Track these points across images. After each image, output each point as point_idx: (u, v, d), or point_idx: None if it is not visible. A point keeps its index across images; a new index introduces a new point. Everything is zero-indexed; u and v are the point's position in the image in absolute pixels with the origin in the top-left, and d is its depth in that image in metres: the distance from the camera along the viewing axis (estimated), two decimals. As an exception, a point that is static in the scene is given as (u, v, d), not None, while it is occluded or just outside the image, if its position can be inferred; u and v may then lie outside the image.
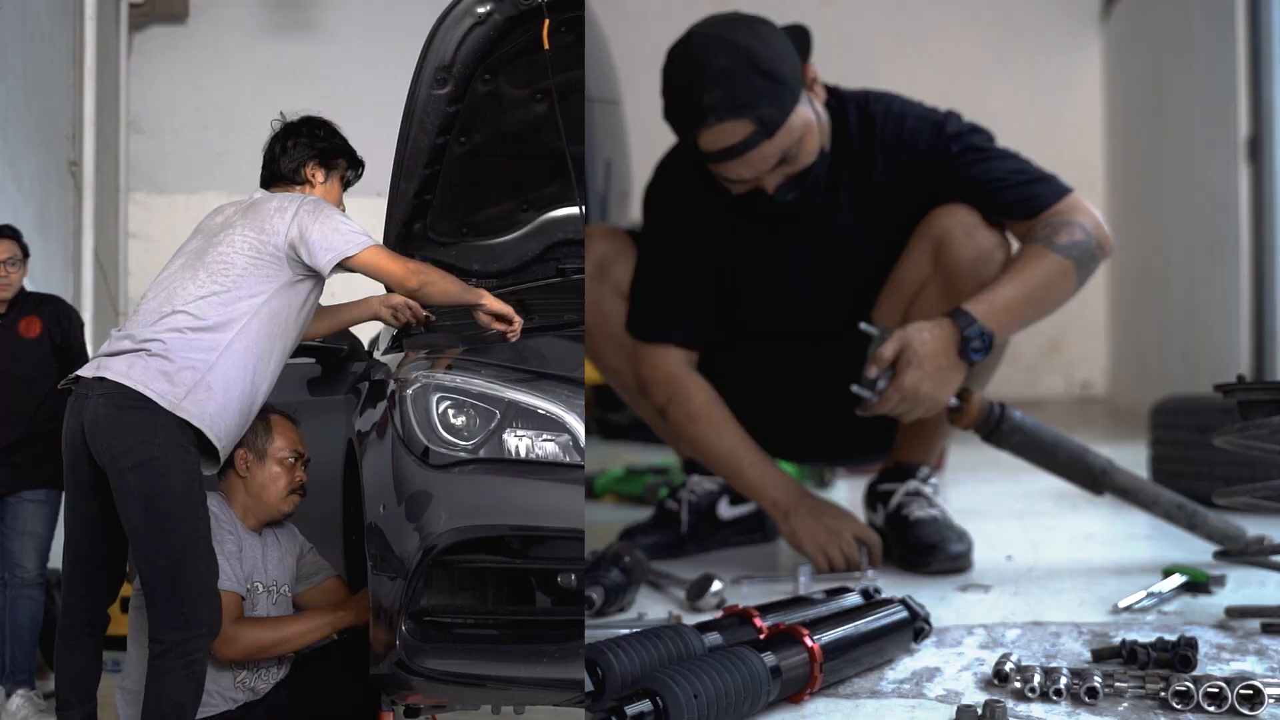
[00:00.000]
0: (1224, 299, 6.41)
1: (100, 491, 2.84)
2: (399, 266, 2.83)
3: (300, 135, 3.07)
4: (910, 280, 2.33)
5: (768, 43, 2.26)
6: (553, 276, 3.61)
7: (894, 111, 2.40)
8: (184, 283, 2.84)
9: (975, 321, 2.18)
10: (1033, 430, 2.28)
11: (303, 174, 3.02)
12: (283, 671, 3.05)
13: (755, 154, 2.21)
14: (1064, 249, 2.26)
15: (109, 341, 2.95)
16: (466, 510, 2.59)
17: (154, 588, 2.78)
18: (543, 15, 2.93)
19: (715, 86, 2.21)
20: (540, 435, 2.67)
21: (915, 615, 1.74)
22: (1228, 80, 6.34)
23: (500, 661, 2.60)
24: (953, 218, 2.31)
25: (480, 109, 3.26)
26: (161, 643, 2.76)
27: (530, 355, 2.85)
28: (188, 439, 2.75)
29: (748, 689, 1.40)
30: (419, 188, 3.36)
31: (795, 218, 2.35)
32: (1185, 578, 2.09)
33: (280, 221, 2.82)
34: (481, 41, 3.10)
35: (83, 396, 2.82)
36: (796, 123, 2.24)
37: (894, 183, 2.36)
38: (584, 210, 3.25)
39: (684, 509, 2.58)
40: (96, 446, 2.80)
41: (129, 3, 7.63)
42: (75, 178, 6.42)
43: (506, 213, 3.57)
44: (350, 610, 3.06)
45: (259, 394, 2.86)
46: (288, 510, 3.12)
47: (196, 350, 2.78)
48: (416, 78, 3.17)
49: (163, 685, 2.77)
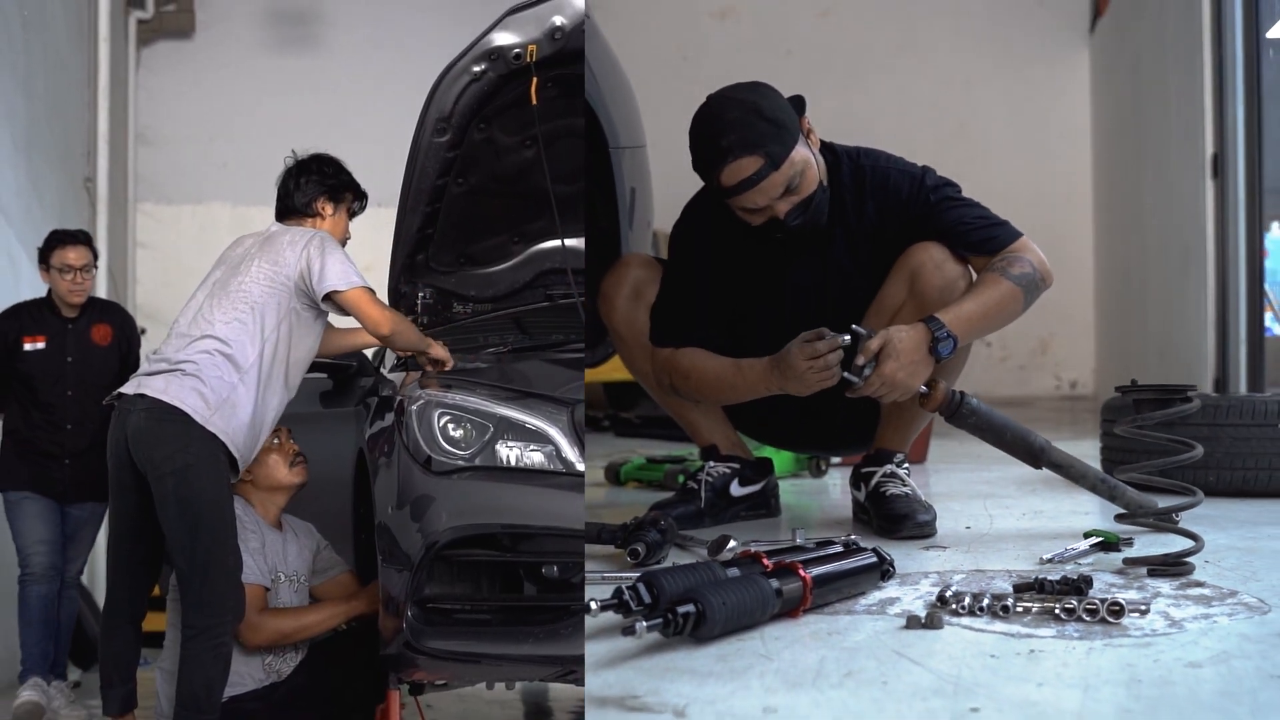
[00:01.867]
0: (1193, 304, 6.79)
1: (141, 495, 3.12)
2: (378, 312, 3.12)
3: (311, 172, 3.41)
4: (890, 302, 2.93)
5: (769, 98, 2.85)
6: (541, 301, 3.98)
7: (880, 165, 2.99)
8: (211, 310, 3.14)
9: (944, 326, 2.77)
10: (985, 414, 2.87)
11: (314, 207, 3.35)
12: (300, 656, 3.38)
13: (766, 183, 2.78)
14: (1015, 278, 2.87)
15: (146, 363, 3.25)
16: (464, 511, 2.93)
17: (187, 579, 3.09)
18: (531, 73, 3.29)
19: (730, 132, 2.78)
20: (528, 446, 3.02)
21: (883, 560, 2.34)
22: (1196, 99, 6.69)
23: (494, 641, 2.97)
24: (926, 253, 2.90)
25: (476, 154, 3.58)
26: (193, 628, 3.07)
27: (518, 377, 3.23)
28: (217, 448, 3.03)
29: (759, 603, 2.01)
30: (422, 223, 3.67)
31: (799, 249, 2.94)
32: (1101, 538, 2.70)
33: (291, 254, 3.13)
34: (477, 95, 3.42)
35: (125, 411, 3.09)
36: (797, 158, 2.82)
37: (879, 224, 2.95)
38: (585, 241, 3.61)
39: (702, 488, 3.17)
40: (139, 455, 3.07)
41: (137, 19, 7.90)
42: (90, 193, 6.62)
43: (500, 245, 3.93)
44: (362, 600, 3.40)
45: (270, 411, 3.17)
46: (300, 480, 3.44)
47: (223, 371, 3.07)
48: (420, 127, 3.46)
49: (194, 665, 3.07)
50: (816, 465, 4.32)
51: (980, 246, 2.88)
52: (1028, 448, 2.84)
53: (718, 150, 2.74)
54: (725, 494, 3.17)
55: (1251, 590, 2.26)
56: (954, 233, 2.89)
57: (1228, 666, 1.75)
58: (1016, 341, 10.34)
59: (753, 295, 3.04)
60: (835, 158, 2.97)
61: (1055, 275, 3.08)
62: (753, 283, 3.02)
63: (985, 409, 2.87)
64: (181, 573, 3.11)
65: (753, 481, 3.21)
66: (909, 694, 1.64)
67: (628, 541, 2.57)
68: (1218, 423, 3.62)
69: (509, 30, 3.25)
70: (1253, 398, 3.75)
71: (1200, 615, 2.07)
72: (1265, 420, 3.60)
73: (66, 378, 4.21)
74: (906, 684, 1.69)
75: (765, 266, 2.99)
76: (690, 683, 1.68)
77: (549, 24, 3.22)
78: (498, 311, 3.97)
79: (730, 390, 2.99)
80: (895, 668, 1.77)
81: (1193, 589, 2.28)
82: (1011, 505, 3.44)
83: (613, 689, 1.65)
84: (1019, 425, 2.90)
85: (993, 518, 3.21)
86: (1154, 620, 2.03)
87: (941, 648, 1.88)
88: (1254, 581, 2.35)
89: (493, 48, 3.27)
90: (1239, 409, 3.63)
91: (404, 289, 3.73)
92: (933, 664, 1.78)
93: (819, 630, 2.00)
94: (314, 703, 3.34)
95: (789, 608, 2.06)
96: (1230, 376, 6.48)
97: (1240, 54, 6.46)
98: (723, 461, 3.20)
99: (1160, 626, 2.00)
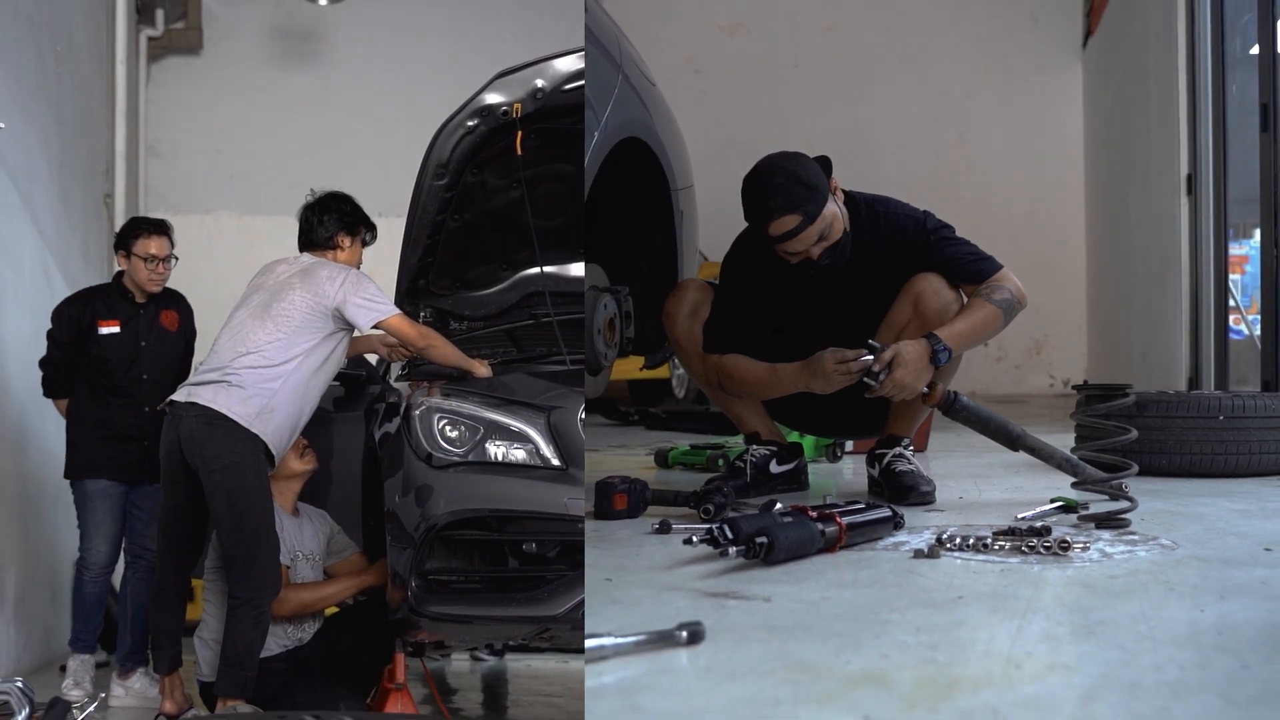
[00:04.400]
0: (1170, 310, 7.62)
1: (189, 488, 3.68)
2: (414, 331, 3.78)
3: (330, 210, 3.97)
4: (898, 321, 3.81)
5: (806, 167, 3.73)
6: (526, 320, 4.53)
7: (890, 211, 3.87)
8: (254, 329, 3.70)
9: (941, 340, 3.66)
10: (974, 409, 3.77)
11: (334, 240, 3.92)
12: (318, 625, 4.01)
13: (804, 235, 3.65)
14: (997, 303, 3.75)
15: (195, 374, 3.82)
16: (459, 498, 3.47)
17: (233, 558, 3.65)
18: (516, 127, 3.83)
19: (776, 195, 3.65)
20: (512, 445, 3.62)
21: (895, 515, 3.22)
22: (1172, 123, 7.48)
23: (483, 605, 3.50)
24: (926, 282, 3.78)
25: (470, 195, 4.06)
26: (238, 598, 3.62)
27: (502, 388, 3.77)
28: (258, 448, 3.62)
29: (809, 539, 2.89)
30: (423, 253, 4.18)
31: (826, 279, 3.84)
32: (1063, 503, 3.59)
33: (331, 288, 3.73)
34: (471, 145, 3.90)
35: (178, 416, 3.66)
36: (828, 213, 3.70)
37: (889, 258, 3.83)
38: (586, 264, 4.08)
39: (748, 466, 4.05)
40: (190, 454, 3.63)
41: (148, 37, 8.31)
42: (109, 208, 6.98)
43: (490, 272, 4.45)
44: (372, 575, 4.00)
45: (304, 415, 3.75)
46: (310, 466, 4.00)
47: (264, 382, 3.63)
48: (421, 172, 3.94)
49: (238, 630, 3.61)
50: (833, 452, 5.22)
51: (970, 277, 3.78)
52: (1007, 435, 3.74)
53: (766, 209, 3.62)
54: (765, 471, 4.05)
55: (1170, 537, 3.15)
56: (949, 266, 3.78)
57: (1135, 578, 2.64)
58: (1013, 343, 11.16)
59: (787, 315, 3.93)
60: (855, 205, 3.85)
61: (1048, 279, 4.06)
62: (787, 305, 3.91)
63: (974, 405, 3.77)
64: (228, 552, 3.68)
65: (787, 461, 4.10)
66: (915, 590, 2.54)
67: (700, 502, 3.46)
68: (1168, 415, 4.52)
69: (497, 91, 3.83)
70: (1198, 395, 4.66)
71: (1126, 551, 2.97)
72: (1207, 414, 4.50)
73: (141, 361, 4.42)
74: (914, 585, 2.58)
75: (798, 293, 3.88)
76: (769, 585, 2.57)
77: (531, 85, 3.81)
78: (489, 328, 4.58)
79: (766, 388, 3.88)
80: (906, 578, 2.67)
81: (1126, 536, 3.17)
82: (997, 482, 4.34)
83: (717, 588, 2.53)
84: (1001, 417, 3.80)
85: (981, 490, 4.12)
86: (1092, 554, 2.92)
87: (939, 569, 2.77)
88: (1174, 532, 3.24)
89: (483, 105, 3.84)
90: (1186, 404, 4.54)
91: (408, 309, 4.23)
92: (932, 576, 2.68)
93: (852, 559, 2.89)
94: (331, 663, 3.93)
95: (829, 545, 2.95)
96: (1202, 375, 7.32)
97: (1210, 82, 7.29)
98: (763, 445, 4.09)
99: (1095, 557, 2.89)
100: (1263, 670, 1.89)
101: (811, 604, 2.39)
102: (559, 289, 4.34)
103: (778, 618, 2.27)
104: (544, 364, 4.15)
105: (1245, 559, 2.84)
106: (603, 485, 3.57)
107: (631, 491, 3.55)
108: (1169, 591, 2.48)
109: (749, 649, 2.03)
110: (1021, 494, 4.01)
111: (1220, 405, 4.51)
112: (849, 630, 2.16)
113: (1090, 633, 2.15)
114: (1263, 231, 5.98)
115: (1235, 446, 4.48)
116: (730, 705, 1.74)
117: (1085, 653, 2.02)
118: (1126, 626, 2.16)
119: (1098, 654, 1.99)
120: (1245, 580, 2.59)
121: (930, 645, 2.06)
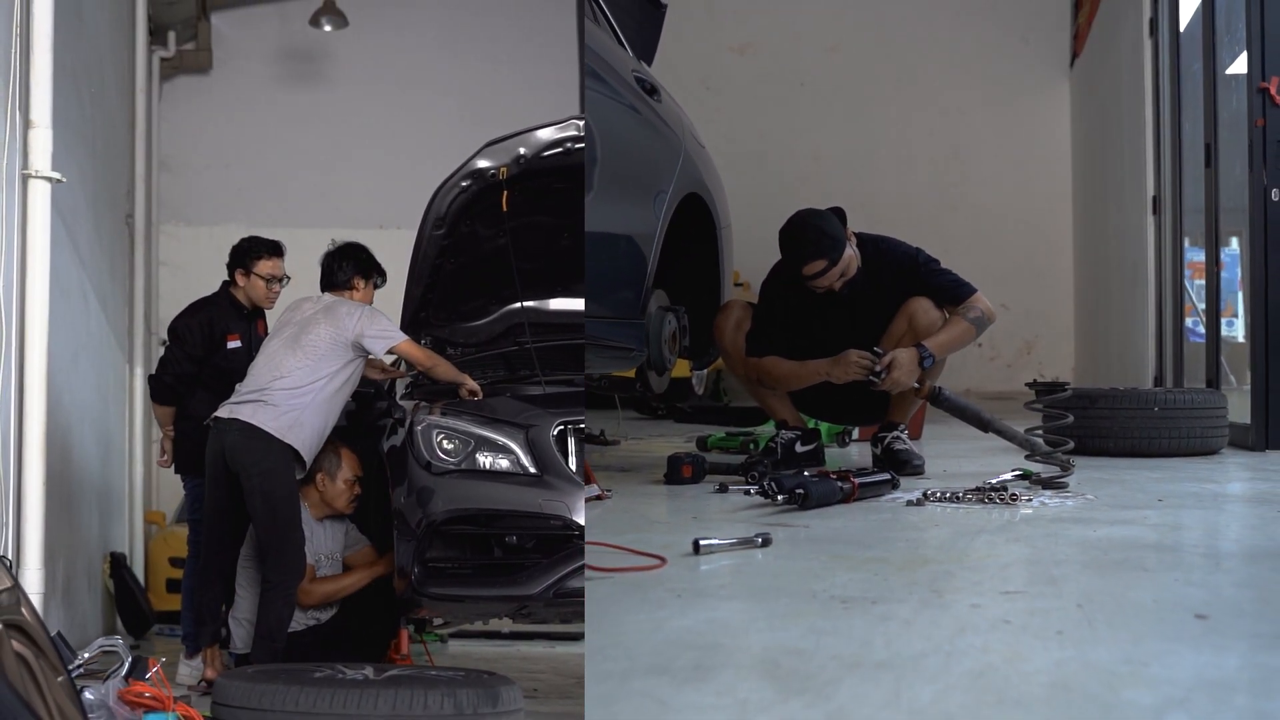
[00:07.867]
0: (1140, 317, 8.92)
1: (230, 489, 4.35)
2: (420, 354, 4.49)
3: (349, 257, 4.65)
4: (896, 333, 5.13)
5: (830, 221, 5.04)
6: (511, 347, 5.29)
7: (891, 248, 5.21)
8: (285, 357, 4.37)
9: (927, 349, 5.00)
10: (954, 399, 5.12)
11: (350, 282, 4.69)
12: (335, 608, 4.69)
13: (829, 274, 4.97)
14: (971, 320, 5.10)
15: (235, 394, 4.43)
16: (454, 499, 4.14)
17: (267, 547, 4.32)
18: (502, 188, 4.58)
19: (808, 245, 4.93)
20: (498, 456, 4.26)
21: (894, 478, 4.58)
22: (1140, 148, 8.80)
23: (474, 587, 4.18)
24: (918, 304, 5.11)
25: (463, 242, 4.81)
26: (270, 582, 4.29)
27: (487, 409, 4.43)
28: (290, 456, 4.30)
29: (833, 493, 4.23)
30: (424, 291, 4.98)
31: (841, 304, 5.19)
32: (1022, 471, 4.95)
33: (350, 322, 4.40)
34: (464, 202, 4.67)
35: (222, 430, 4.34)
36: (846, 256, 5.02)
37: (890, 285, 5.19)
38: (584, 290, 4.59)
39: (779, 447, 5.41)
40: (233, 461, 4.30)
41: (160, 57, 8.86)
42: (130, 228, 7.55)
43: (480, 306, 5.23)
44: (381, 565, 4.64)
45: (328, 427, 4.54)
46: (348, 511, 4.79)
47: (294, 400, 4.34)
48: (423, 223, 4.71)
49: (270, 609, 4.24)
50: (843, 439, 6.61)
51: (951, 300, 5.15)
52: (979, 419, 5.13)
53: (800, 255, 4.97)
54: (792, 450, 5.43)
55: (1094, 493, 4.53)
56: (936, 291, 5.16)
57: (1058, 516, 4.02)
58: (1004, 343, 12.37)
59: (812, 327, 5.31)
60: (863, 245, 5.21)
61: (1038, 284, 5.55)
62: (813, 321, 5.29)
63: (954, 396, 5.16)
64: (262, 542, 4.38)
65: (809, 443, 5.48)
66: (906, 523, 3.91)
67: (747, 470, 4.83)
68: (1114, 407, 5.91)
69: (486, 157, 4.60)
70: (1136, 390, 6.07)
71: (1058, 502, 4.34)
72: (1145, 406, 5.88)
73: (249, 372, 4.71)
74: (905, 520, 3.97)
75: (821, 312, 5.26)
76: (807, 519, 3.94)
77: (515, 152, 4.55)
78: (481, 354, 5.30)
79: (796, 379, 5.26)
80: (900, 516, 4.04)
81: (1063, 494, 4.55)
82: (975, 460, 5.73)
83: (772, 521, 3.90)
84: (975, 406, 5.19)
85: (960, 465, 5.51)
86: (1034, 505, 4.30)
87: (923, 513, 4.14)
88: (1100, 491, 4.62)
89: (475, 168, 4.60)
90: (1127, 399, 5.93)
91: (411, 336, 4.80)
92: (919, 516, 4.05)
93: (863, 507, 4.26)
94: (345, 638, 4.61)
95: (847, 497, 4.32)
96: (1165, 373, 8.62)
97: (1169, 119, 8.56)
98: (790, 430, 5.46)
99: (1035, 506, 4.27)
100: (1117, 555, 3.26)
101: (837, 529, 3.77)
102: (538, 320, 5.14)
103: (816, 535, 3.65)
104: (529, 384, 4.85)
105: (1140, 505, 4.23)
106: (673, 459, 4.93)
107: (695, 463, 4.90)
108: (1078, 522, 3.87)
109: (800, 548, 3.41)
110: (992, 469, 5.39)
111: (1155, 399, 5.90)
112: (862, 539, 3.54)
113: (1016, 540, 3.53)
114: (1206, 252, 7.33)
115: (1167, 432, 5.87)
116: (792, 572, 3.09)
117: (1011, 550, 3.39)
118: (1041, 538, 3.55)
119: (1019, 550, 3.37)
120: (1133, 516, 3.97)
121: (914, 544, 3.45)
